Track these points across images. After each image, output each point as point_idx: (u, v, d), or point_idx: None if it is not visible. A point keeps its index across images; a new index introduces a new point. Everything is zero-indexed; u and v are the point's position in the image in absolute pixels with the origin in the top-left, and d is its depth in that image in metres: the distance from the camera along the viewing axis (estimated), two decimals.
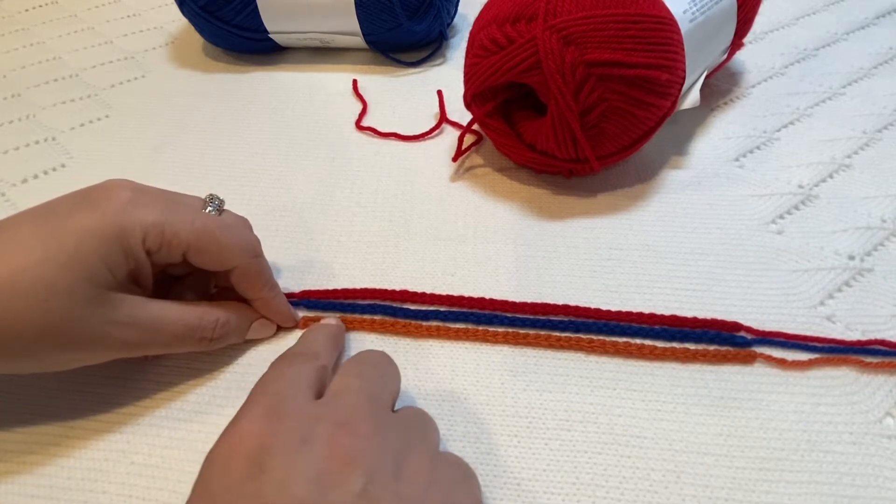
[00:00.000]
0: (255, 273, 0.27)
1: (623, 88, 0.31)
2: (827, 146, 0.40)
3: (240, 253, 0.26)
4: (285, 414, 0.19)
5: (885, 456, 0.24)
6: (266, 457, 0.18)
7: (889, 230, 0.34)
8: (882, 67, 0.48)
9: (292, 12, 0.46)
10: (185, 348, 0.26)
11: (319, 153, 0.41)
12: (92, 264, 0.22)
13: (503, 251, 0.33)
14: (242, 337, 0.28)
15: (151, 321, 0.24)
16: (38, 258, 0.22)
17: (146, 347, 0.25)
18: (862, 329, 0.29)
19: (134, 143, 0.42)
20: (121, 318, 0.23)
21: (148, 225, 0.24)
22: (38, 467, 0.25)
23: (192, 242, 0.25)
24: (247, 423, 0.19)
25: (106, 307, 0.23)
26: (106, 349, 0.24)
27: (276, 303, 0.29)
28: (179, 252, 0.25)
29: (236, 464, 0.18)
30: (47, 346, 0.22)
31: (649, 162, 0.38)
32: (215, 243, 0.25)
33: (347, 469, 0.18)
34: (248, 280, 0.27)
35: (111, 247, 0.23)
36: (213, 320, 0.26)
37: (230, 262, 0.26)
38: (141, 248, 0.24)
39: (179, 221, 0.25)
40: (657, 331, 0.29)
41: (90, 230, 0.23)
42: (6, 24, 0.58)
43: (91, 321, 0.23)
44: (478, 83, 0.34)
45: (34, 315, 0.21)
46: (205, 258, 0.26)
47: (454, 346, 0.29)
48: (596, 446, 0.25)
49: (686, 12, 0.34)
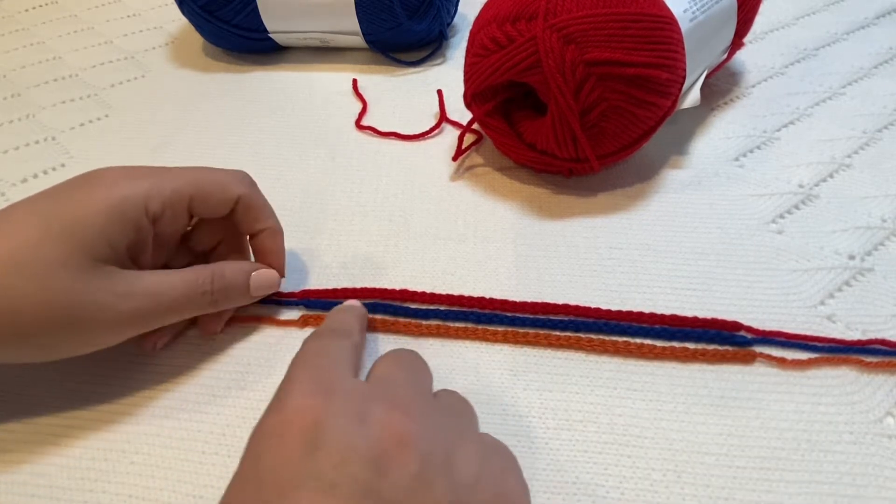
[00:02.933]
0: (258, 200, 0.28)
1: (623, 87, 0.31)
2: (827, 146, 0.40)
3: (238, 183, 0.27)
4: (336, 391, 0.19)
5: (886, 456, 0.24)
6: (321, 433, 0.17)
7: (889, 230, 0.34)
8: (882, 67, 0.48)
9: (292, 12, 0.46)
10: (192, 310, 0.26)
11: (319, 153, 0.41)
12: (90, 237, 0.23)
13: (503, 251, 0.33)
14: (245, 292, 0.28)
15: (151, 286, 0.24)
16: (36, 235, 0.22)
17: (151, 316, 0.25)
18: (862, 329, 0.29)
19: (134, 143, 0.42)
20: (120, 288, 0.23)
21: (147, 191, 0.24)
22: (38, 467, 0.25)
23: (192, 192, 0.26)
24: (299, 397, 0.18)
25: (105, 279, 0.23)
26: (111, 323, 0.23)
27: (279, 236, 0.29)
28: (184, 206, 0.26)
29: (291, 440, 0.17)
30: (51, 324, 0.22)
31: (649, 161, 0.38)
32: (212, 183, 0.26)
33: (405, 451, 0.17)
34: (253, 210, 0.28)
35: (110, 219, 0.23)
36: (208, 273, 0.26)
37: (233, 194, 0.27)
38: (144, 217, 0.24)
39: (172, 178, 0.25)
40: (657, 330, 0.29)
41: (88, 205, 0.23)
42: (6, 24, 0.58)
43: (92, 294, 0.23)
44: (478, 82, 0.34)
45: (35, 291, 0.21)
46: (209, 202, 0.26)
47: (454, 345, 0.29)
48: (596, 446, 0.25)
49: (686, 11, 0.34)
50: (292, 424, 0.18)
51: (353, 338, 0.23)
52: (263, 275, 0.28)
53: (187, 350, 0.28)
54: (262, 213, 0.28)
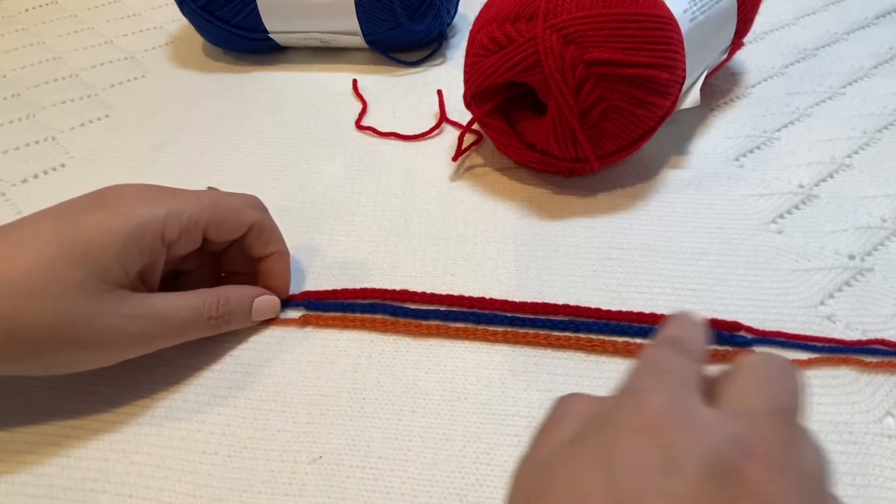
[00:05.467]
0: (269, 226, 0.29)
1: (623, 87, 0.31)
2: (827, 146, 0.40)
3: (251, 209, 0.28)
4: (692, 420, 0.15)
5: (886, 456, 0.24)
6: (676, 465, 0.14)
7: (889, 230, 0.34)
8: (882, 67, 0.48)
9: (292, 12, 0.46)
10: (195, 333, 0.27)
11: (319, 153, 0.41)
12: (105, 261, 0.23)
13: (503, 251, 0.33)
14: (247, 317, 0.28)
15: (159, 310, 0.25)
16: (51, 255, 0.22)
17: (157, 338, 0.25)
18: (862, 329, 0.29)
19: (134, 143, 0.42)
20: (130, 311, 0.24)
21: (163, 217, 0.25)
22: (39, 467, 0.25)
23: (208, 217, 0.26)
24: (654, 415, 0.15)
25: (115, 302, 0.23)
26: (119, 345, 0.24)
27: (286, 259, 0.30)
28: (199, 232, 0.26)
29: (648, 459, 0.15)
30: (61, 344, 0.22)
31: (649, 162, 0.38)
32: (228, 209, 0.27)
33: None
34: (264, 234, 0.28)
35: (126, 245, 0.23)
36: (214, 299, 0.27)
37: (247, 221, 0.27)
38: (160, 242, 0.25)
39: (189, 204, 0.26)
40: (657, 330, 0.29)
41: (104, 228, 0.23)
42: (6, 24, 0.58)
43: (103, 316, 0.23)
44: (478, 82, 0.34)
45: (48, 311, 0.22)
46: (224, 227, 0.27)
47: (454, 345, 0.29)
48: None
49: (686, 11, 0.34)
50: (648, 444, 0.15)
51: (701, 362, 0.19)
52: (266, 301, 0.29)
53: (187, 350, 0.28)
54: (272, 237, 0.29)
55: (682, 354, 0.19)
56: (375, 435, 0.25)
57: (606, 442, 0.15)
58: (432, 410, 0.26)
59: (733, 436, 0.15)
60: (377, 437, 0.25)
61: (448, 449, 0.25)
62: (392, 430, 0.26)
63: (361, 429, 0.26)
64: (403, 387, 0.27)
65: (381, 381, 0.27)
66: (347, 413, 0.26)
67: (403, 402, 0.26)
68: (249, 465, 0.25)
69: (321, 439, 0.25)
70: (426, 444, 0.25)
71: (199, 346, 0.29)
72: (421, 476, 0.24)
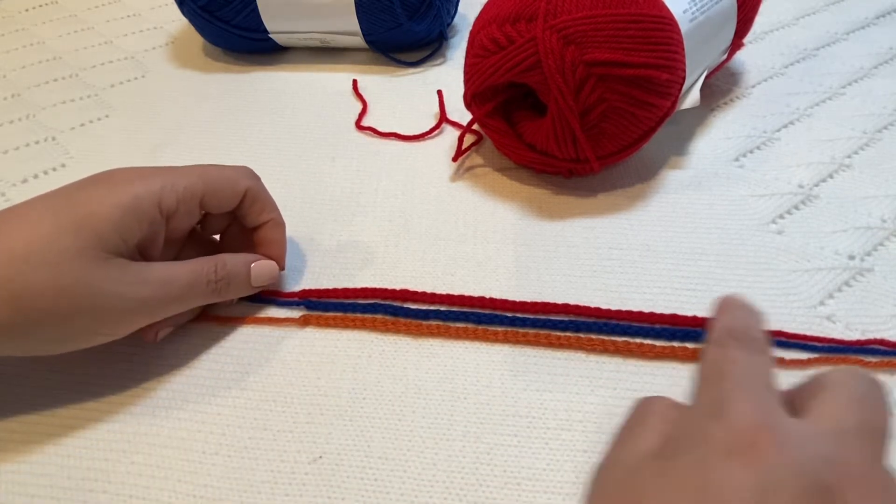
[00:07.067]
0: (263, 192, 0.29)
1: (623, 88, 0.31)
2: (827, 146, 0.40)
3: (243, 177, 0.28)
4: (786, 438, 0.15)
5: None
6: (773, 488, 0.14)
7: (889, 230, 0.34)
8: (882, 67, 0.48)
9: (292, 12, 0.46)
10: (197, 299, 0.27)
11: (319, 153, 0.41)
12: (104, 231, 0.23)
13: (503, 251, 0.33)
14: (246, 282, 0.29)
15: (160, 276, 0.25)
16: (49, 228, 0.23)
17: (160, 305, 0.25)
18: (862, 329, 0.29)
19: (134, 143, 0.42)
20: (130, 278, 0.24)
21: (161, 188, 0.25)
22: (38, 466, 0.25)
23: (204, 188, 0.27)
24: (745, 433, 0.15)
25: (116, 270, 0.24)
26: (121, 312, 0.24)
27: (282, 228, 0.30)
28: (196, 202, 0.27)
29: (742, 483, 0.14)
30: (63, 313, 0.23)
31: (649, 162, 0.38)
32: (222, 178, 0.27)
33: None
34: (258, 202, 0.29)
35: (125, 215, 0.24)
36: (212, 264, 0.27)
37: (241, 188, 0.28)
38: (157, 212, 0.25)
39: (184, 176, 0.26)
40: (657, 330, 0.29)
41: (103, 201, 0.24)
42: (6, 24, 0.58)
43: (104, 283, 0.23)
44: (478, 83, 0.34)
45: (48, 280, 0.22)
46: (219, 197, 0.27)
47: (454, 345, 0.29)
48: (596, 446, 0.25)
49: (686, 12, 0.34)
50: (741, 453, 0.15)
51: (768, 352, 0.19)
52: (263, 265, 0.29)
53: (187, 350, 0.29)
54: (266, 204, 0.30)
55: (749, 350, 0.18)
56: (375, 435, 0.25)
57: (699, 463, 0.15)
58: (432, 410, 0.26)
59: (828, 456, 0.15)
60: (377, 437, 0.25)
61: (448, 449, 0.25)
62: (392, 430, 0.26)
63: (361, 429, 0.26)
64: (403, 387, 0.27)
65: (381, 381, 0.27)
66: (347, 413, 0.26)
67: (403, 402, 0.26)
68: (249, 465, 0.25)
69: (321, 439, 0.25)
70: (426, 444, 0.25)
71: (200, 346, 0.29)
72: (421, 476, 0.24)
